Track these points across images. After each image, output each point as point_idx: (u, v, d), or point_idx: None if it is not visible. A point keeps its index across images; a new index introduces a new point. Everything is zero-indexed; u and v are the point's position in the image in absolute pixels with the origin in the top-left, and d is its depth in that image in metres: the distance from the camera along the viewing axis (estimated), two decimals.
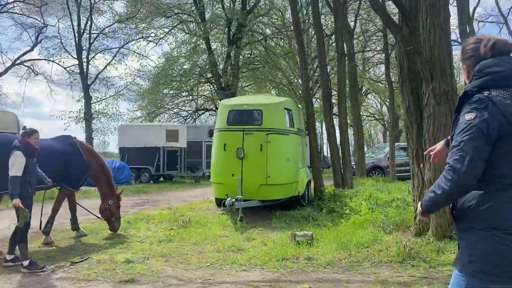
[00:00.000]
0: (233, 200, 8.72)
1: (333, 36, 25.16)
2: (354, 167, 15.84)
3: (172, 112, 30.07)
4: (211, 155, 10.27)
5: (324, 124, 12.40)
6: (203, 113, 31.86)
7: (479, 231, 1.98)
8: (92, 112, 26.62)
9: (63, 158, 7.26)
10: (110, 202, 7.69)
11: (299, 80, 31.37)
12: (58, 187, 7.55)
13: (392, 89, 16.57)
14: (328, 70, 12.94)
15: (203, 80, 29.96)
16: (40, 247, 6.92)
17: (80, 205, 7.99)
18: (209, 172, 22.31)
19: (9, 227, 5.90)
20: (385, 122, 45.24)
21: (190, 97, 30.91)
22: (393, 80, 19.65)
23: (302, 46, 11.80)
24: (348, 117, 13.79)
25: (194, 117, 30.81)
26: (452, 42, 7.32)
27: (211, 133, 22.47)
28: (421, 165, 6.82)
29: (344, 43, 14.01)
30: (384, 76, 38.19)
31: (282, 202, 10.00)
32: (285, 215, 9.37)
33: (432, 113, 6.42)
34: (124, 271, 5.48)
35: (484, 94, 1.97)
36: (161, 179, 21.67)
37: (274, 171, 9.35)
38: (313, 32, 29.05)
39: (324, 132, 37.64)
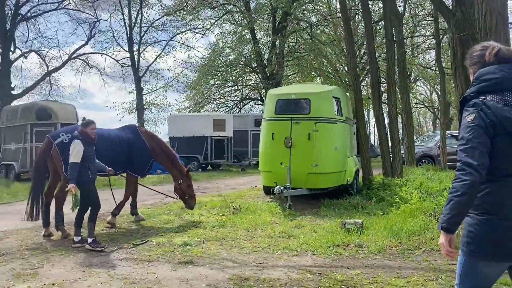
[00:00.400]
0: (282, 188, 8.90)
1: (380, 22, 24.69)
2: (404, 156, 15.54)
3: (218, 102, 30.58)
4: (257, 144, 10.47)
5: (372, 112, 12.24)
6: (248, 102, 32.18)
7: (474, 215, 2.26)
8: (144, 103, 27.61)
9: (127, 146, 7.71)
10: (180, 182, 8.04)
11: (345, 68, 31.04)
12: (124, 174, 8.11)
13: (444, 75, 16.01)
14: (376, 57, 12.70)
15: (248, 70, 30.24)
16: (104, 230, 7.40)
17: (155, 190, 8.72)
18: (255, 161, 22.88)
19: (73, 211, 6.34)
20: (435, 109, 43.80)
21: (236, 87, 31.29)
22: (444, 66, 19.01)
23: (350, 34, 11.69)
24: (397, 105, 13.50)
25: (239, 106, 31.20)
26: (510, 26, 7.05)
27: (257, 122, 22.75)
28: None
29: (393, 29, 13.70)
30: (434, 62, 37.05)
31: (330, 190, 10.06)
32: (334, 203, 9.45)
33: None
34: (182, 253, 5.81)
35: (480, 99, 2.24)
36: (209, 167, 22.22)
37: (322, 159, 9.42)
38: (359, 19, 28.58)
39: (371, 120, 37.06)
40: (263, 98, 30.03)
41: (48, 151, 6.99)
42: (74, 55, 25.94)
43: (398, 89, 14.56)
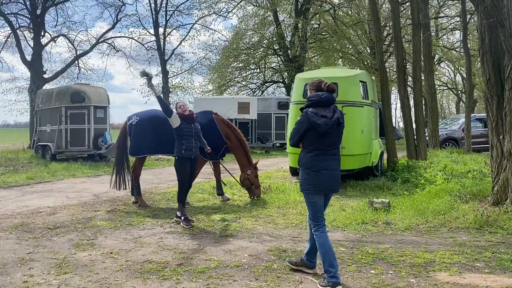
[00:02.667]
0: None
1: (405, 3, 24.45)
2: (428, 138, 15.70)
3: (241, 84, 30.90)
4: (280, 126, 10.79)
5: (398, 95, 12.39)
6: (270, 85, 32.40)
7: (303, 170, 4.35)
8: (169, 86, 28.13)
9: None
10: (249, 172, 8.37)
11: (367, 50, 30.89)
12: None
13: (469, 57, 15.96)
14: (401, 40, 12.79)
15: (271, 52, 30.37)
16: (138, 209, 7.92)
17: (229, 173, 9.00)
18: (279, 143, 23.25)
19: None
20: (459, 91, 43.17)
21: (258, 69, 31.49)
22: (469, 47, 18.80)
23: (377, 18, 11.83)
24: (422, 88, 13.62)
25: (262, 89, 31.45)
26: None
27: (280, 105, 23.05)
28: (501, 137, 6.92)
29: (419, 12, 13.74)
30: (458, 43, 36.43)
31: (355, 172, 10.40)
32: (359, 184, 9.80)
33: None
34: (222, 228, 6.29)
35: (306, 109, 4.17)
36: None
37: (349, 142, 9.71)
38: (383, 1, 28.31)
39: (394, 103, 36.81)
40: (285, 81, 30.25)
41: (125, 130, 8.29)
42: (102, 39, 26.53)
43: (423, 73, 14.64)
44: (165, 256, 4.99)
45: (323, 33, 29.98)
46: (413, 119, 12.48)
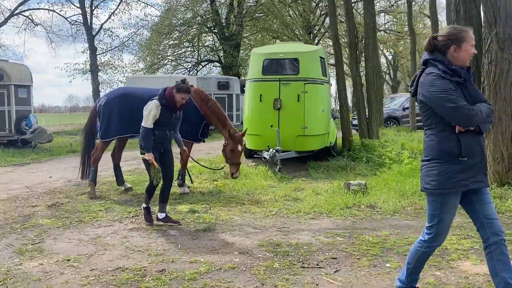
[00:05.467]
0: (274, 151, 8.68)
1: None
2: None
3: (175, 63, 29.38)
4: (242, 106, 10.06)
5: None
6: (206, 64, 31.22)
7: None
8: (98, 64, 25.87)
9: None
10: (224, 144, 6.94)
11: (300, 31, 30.76)
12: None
13: (414, 37, 16.15)
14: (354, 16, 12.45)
15: (205, 30, 29.13)
16: (88, 199, 6.85)
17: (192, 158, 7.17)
18: None
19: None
20: (383, 73, 44.90)
21: (192, 48, 30.12)
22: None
23: None
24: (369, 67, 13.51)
25: (197, 69, 30.20)
26: None
27: (220, 85, 22.12)
28: None
29: None
30: (384, 25, 37.72)
31: (314, 152, 9.98)
32: (321, 165, 9.39)
33: (494, 59, 6.28)
34: (194, 221, 5.47)
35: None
36: None
37: (311, 122, 9.25)
38: None
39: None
40: (222, 60, 29.26)
41: (93, 113, 7.37)
42: (17, 11, 23.61)
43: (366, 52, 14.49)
44: (139, 261, 4.11)
45: (259, 12, 29.27)
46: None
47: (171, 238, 4.83)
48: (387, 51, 42.69)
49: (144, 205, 5.42)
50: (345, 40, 22.57)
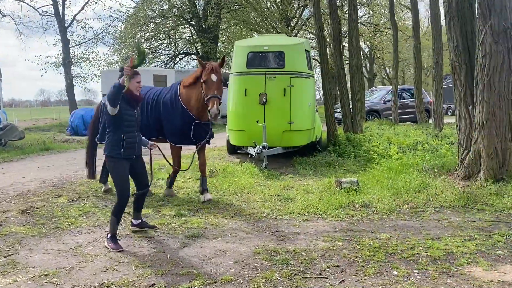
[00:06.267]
0: (261, 147, 8.38)
1: None
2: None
3: (152, 56, 28.62)
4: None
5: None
6: (183, 57, 30.56)
7: None
8: (71, 57, 24.89)
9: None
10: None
11: (277, 23, 30.44)
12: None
13: (397, 31, 16.02)
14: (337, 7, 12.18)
15: (182, 22, 28.47)
16: (73, 201, 6.41)
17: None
18: None
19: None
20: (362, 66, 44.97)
21: (169, 40, 29.42)
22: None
23: None
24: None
25: (174, 61, 29.53)
26: None
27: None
28: (470, 107, 6.60)
29: None
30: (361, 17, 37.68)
31: (300, 148, 9.73)
32: (307, 161, 9.14)
33: (489, 52, 6.12)
34: (181, 226, 5.13)
35: None
36: None
37: (298, 116, 8.98)
38: None
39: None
40: (199, 52, 28.67)
41: (97, 112, 6.79)
42: None
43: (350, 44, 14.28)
44: (125, 274, 3.76)
45: (236, 3, 28.78)
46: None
47: (158, 246, 4.48)
48: (364, 44, 42.66)
49: (108, 234, 4.49)
50: (328, 32, 22.37)
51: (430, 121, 17.98)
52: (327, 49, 14.19)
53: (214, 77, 5.83)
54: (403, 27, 31.50)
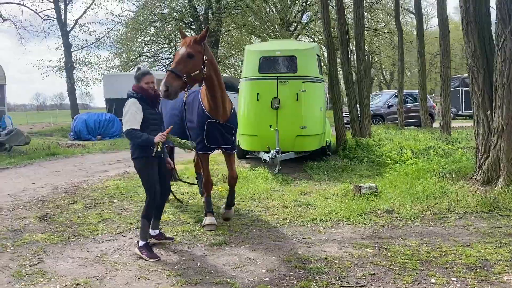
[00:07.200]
0: (275, 152, 8.33)
1: None
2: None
3: (153, 60, 28.57)
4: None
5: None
6: None
7: None
8: (73, 61, 24.76)
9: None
10: None
11: (277, 28, 30.48)
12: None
13: (402, 33, 16.05)
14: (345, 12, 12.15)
15: (183, 25, 28.42)
16: (91, 208, 6.33)
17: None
18: None
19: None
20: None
21: (169, 44, 29.38)
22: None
23: None
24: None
25: None
26: None
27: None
28: (488, 112, 6.59)
29: None
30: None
31: (310, 153, 9.70)
32: (319, 166, 9.09)
33: (509, 56, 6.11)
34: (205, 233, 5.07)
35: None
36: None
37: (310, 121, 8.94)
38: None
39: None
40: None
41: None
42: None
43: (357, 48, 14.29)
44: (159, 283, 3.69)
45: (238, 8, 28.80)
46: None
47: (185, 254, 4.41)
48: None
49: (141, 242, 4.35)
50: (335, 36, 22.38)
51: (434, 125, 18.05)
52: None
53: (179, 50, 4.77)
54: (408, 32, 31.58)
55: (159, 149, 4.35)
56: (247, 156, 10.68)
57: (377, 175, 8.15)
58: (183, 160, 10.11)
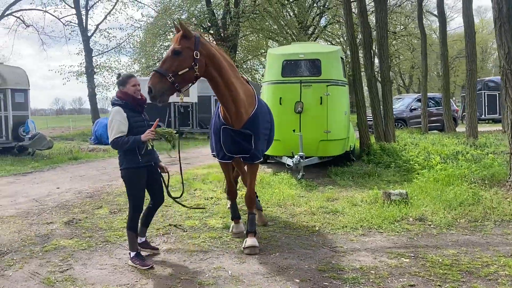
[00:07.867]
0: (299, 158, 8.20)
1: None
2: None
3: None
4: None
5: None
6: None
7: None
8: (94, 66, 25.06)
9: None
10: None
11: (293, 31, 30.37)
12: None
13: (425, 36, 15.78)
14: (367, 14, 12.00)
15: (201, 30, 28.52)
16: (107, 214, 6.30)
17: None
18: None
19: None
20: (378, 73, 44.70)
21: None
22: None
23: None
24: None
25: None
26: None
27: None
28: None
29: None
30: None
31: (333, 158, 9.53)
32: (344, 172, 8.92)
33: None
34: (233, 239, 4.97)
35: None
36: None
37: (334, 125, 8.79)
38: None
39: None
40: None
41: None
42: (8, 12, 22.78)
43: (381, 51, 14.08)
44: None
45: (256, 12, 28.80)
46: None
47: (215, 261, 4.32)
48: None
49: (132, 253, 4.26)
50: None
51: (457, 129, 17.67)
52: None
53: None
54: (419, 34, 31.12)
55: (149, 148, 4.23)
56: (267, 161, 10.56)
57: (405, 181, 7.95)
58: (204, 165, 10.06)
